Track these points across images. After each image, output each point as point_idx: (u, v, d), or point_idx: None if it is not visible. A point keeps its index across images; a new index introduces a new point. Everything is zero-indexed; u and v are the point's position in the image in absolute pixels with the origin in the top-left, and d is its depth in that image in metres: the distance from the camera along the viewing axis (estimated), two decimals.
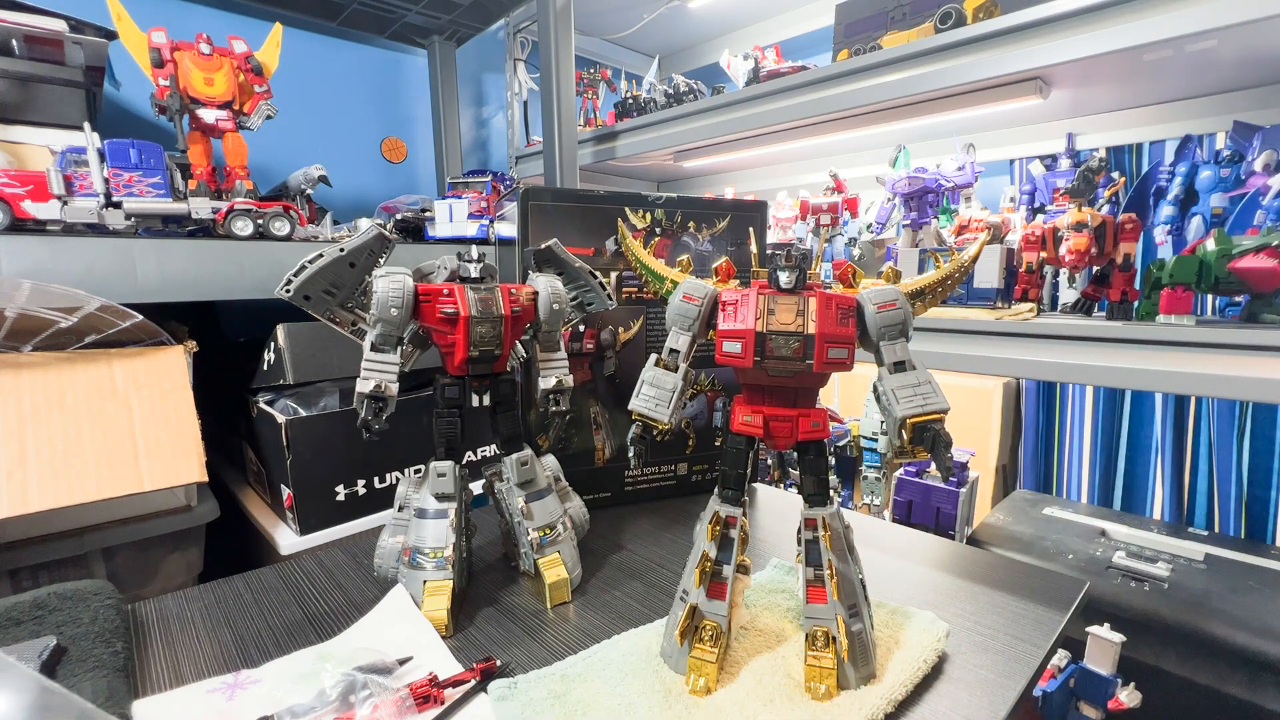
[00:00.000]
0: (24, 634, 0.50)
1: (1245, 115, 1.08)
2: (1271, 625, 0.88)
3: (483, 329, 0.57)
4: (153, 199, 0.87)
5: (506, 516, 0.65)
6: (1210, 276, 0.86)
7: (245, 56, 0.96)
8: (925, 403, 0.45)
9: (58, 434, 0.70)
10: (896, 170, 1.24)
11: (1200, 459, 1.28)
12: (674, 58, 2.19)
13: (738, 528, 0.50)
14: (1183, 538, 1.12)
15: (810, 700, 0.46)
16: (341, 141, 1.66)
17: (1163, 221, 1.10)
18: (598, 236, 0.79)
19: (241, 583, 0.64)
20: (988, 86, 1.06)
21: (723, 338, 0.48)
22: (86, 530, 0.73)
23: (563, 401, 0.65)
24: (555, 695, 0.46)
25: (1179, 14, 0.80)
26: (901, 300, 0.49)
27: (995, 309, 1.10)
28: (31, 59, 0.93)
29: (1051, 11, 0.91)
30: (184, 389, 0.79)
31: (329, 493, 0.88)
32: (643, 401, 0.49)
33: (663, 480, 0.86)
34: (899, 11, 1.16)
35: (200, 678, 0.49)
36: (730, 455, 0.51)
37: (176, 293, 0.85)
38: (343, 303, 0.57)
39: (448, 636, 0.54)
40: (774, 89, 1.29)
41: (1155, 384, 0.87)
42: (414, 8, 1.50)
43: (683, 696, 0.46)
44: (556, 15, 1.41)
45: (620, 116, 1.72)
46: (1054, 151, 1.29)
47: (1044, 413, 1.49)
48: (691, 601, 0.49)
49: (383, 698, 0.43)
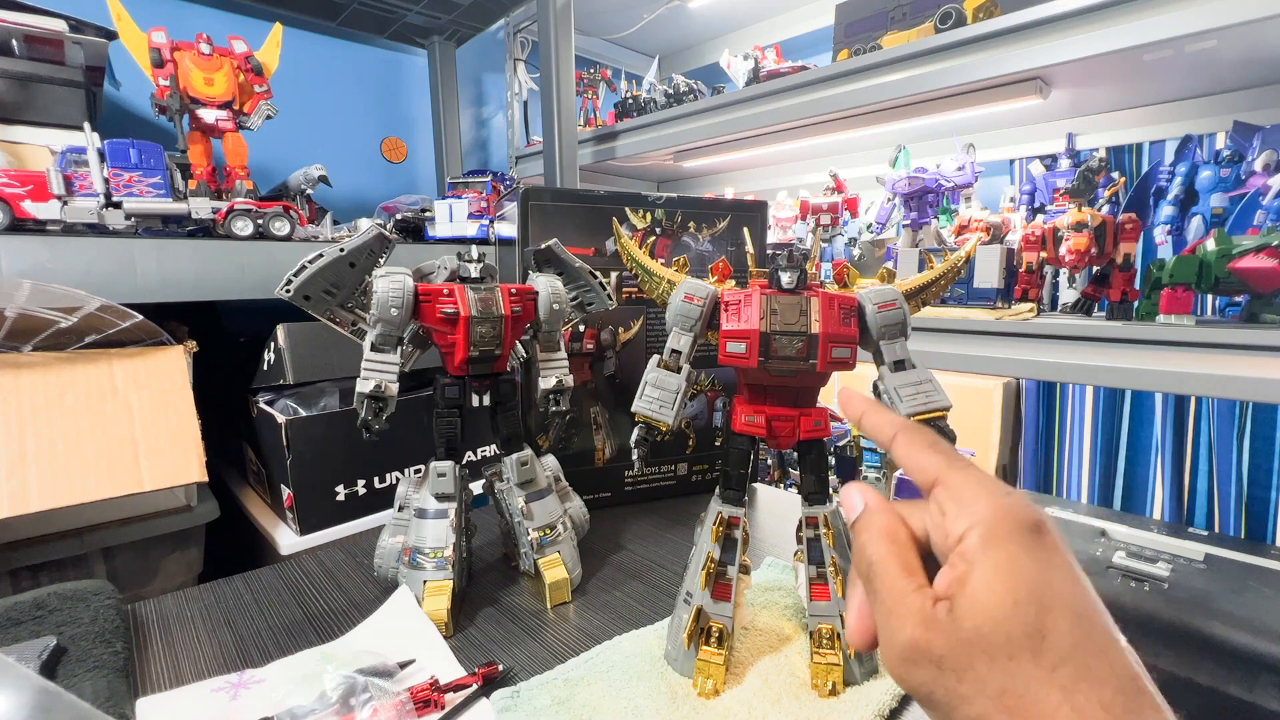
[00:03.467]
0: (24, 634, 0.50)
1: (1245, 115, 1.08)
2: (1271, 625, 0.88)
3: (483, 329, 0.57)
4: (153, 199, 0.87)
5: (506, 516, 0.65)
6: (1210, 276, 0.86)
7: (245, 56, 0.95)
8: (927, 401, 0.45)
9: (58, 434, 0.70)
10: (896, 170, 1.24)
11: (1200, 459, 1.28)
12: (674, 58, 2.19)
13: (740, 528, 0.50)
14: (1183, 538, 1.12)
15: (817, 698, 0.46)
16: (341, 141, 1.66)
17: (1163, 221, 1.10)
18: (598, 236, 0.79)
19: (241, 583, 0.64)
20: (988, 86, 1.06)
21: (726, 338, 0.48)
22: (86, 530, 0.73)
23: (563, 401, 0.65)
24: (559, 701, 0.46)
25: (1179, 14, 0.81)
26: (900, 300, 0.49)
27: (995, 309, 1.10)
28: (31, 59, 0.93)
29: (1051, 11, 0.91)
30: (184, 389, 0.79)
31: (329, 493, 0.88)
32: (647, 403, 0.49)
33: (663, 480, 0.86)
34: (899, 11, 1.17)
35: (200, 678, 0.49)
36: (732, 456, 0.51)
37: (176, 293, 0.85)
38: (343, 303, 0.56)
39: (448, 637, 0.54)
40: (774, 89, 1.29)
41: (1155, 384, 0.87)
42: (414, 8, 1.50)
43: (689, 698, 0.46)
44: (556, 15, 1.40)
45: (620, 116, 1.72)
46: (1054, 151, 1.29)
47: (1044, 413, 1.49)
48: (697, 604, 0.49)
49: (382, 701, 0.43)
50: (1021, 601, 0.22)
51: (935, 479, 0.26)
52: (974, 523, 0.24)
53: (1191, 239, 1.04)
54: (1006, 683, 0.21)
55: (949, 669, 0.22)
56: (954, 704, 0.22)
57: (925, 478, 0.27)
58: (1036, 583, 0.22)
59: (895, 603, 0.25)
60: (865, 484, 0.30)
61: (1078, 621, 0.21)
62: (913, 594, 0.24)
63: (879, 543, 0.27)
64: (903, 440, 0.29)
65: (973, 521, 0.24)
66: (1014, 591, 0.22)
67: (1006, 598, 0.22)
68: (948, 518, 0.25)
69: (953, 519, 0.25)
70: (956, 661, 0.22)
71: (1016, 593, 0.22)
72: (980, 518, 0.24)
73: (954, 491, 0.25)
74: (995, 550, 0.23)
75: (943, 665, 0.23)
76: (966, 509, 0.24)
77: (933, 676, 0.23)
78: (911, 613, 0.24)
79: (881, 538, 0.27)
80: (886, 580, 0.25)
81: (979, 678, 0.22)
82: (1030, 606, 0.22)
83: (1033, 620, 0.21)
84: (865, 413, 0.32)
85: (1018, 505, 0.24)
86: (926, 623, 0.23)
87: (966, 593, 0.23)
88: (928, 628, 0.23)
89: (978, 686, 0.22)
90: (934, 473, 0.27)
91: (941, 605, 0.23)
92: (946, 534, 0.25)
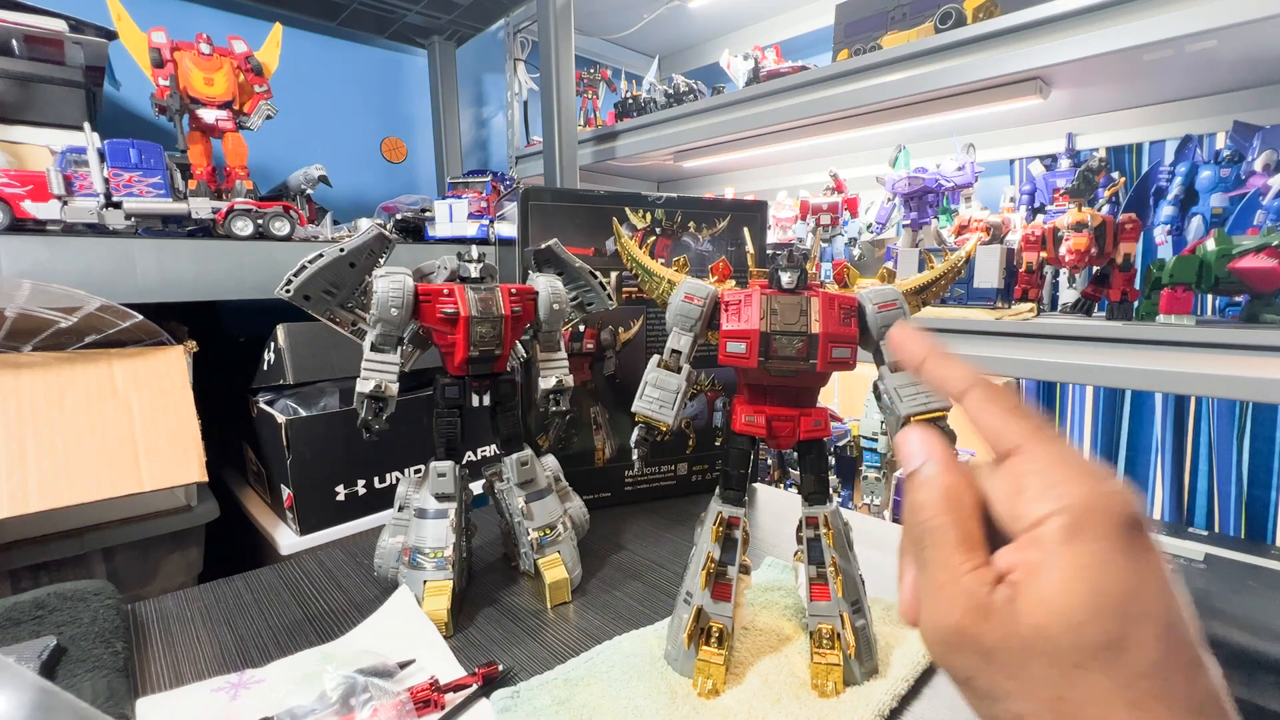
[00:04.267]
0: (24, 634, 0.50)
1: (1245, 115, 1.08)
2: (1271, 625, 0.88)
3: (483, 329, 0.57)
4: (153, 199, 0.87)
5: (506, 516, 0.65)
6: (1210, 276, 0.86)
7: (245, 56, 0.95)
8: (928, 400, 0.45)
9: (58, 434, 0.70)
10: (896, 170, 1.24)
11: (1200, 459, 1.28)
12: (674, 58, 2.19)
13: (740, 528, 0.50)
14: (1183, 538, 1.12)
15: (817, 698, 0.46)
16: (341, 141, 1.66)
17: (1163, 221, 1.10)
18: (598, 236, 0.79)
19: (241, 583, 0.64)
20: (988, 86, 1.06)
21: (726, 338, 0.48)
22: (86, 530, 0.73)
23: (563, 401, 0.65)
24: (559, 701, 0.46)
25: (1179, 14, 0.81)
26: (900, 300, 0.49)
27: (995, 309, 1.10)
28: (31, 59, 0.93)
29: (1051, 11, 0.91)
30: (184, 389, 0.79)
31: (329, 493, 0.88)
32: (647, 403, 0.49)
33: (663, 480, 0.86)
34: (899, 11, 1.17)
35: (200, 678, 0.49)
36: (733, 456, 0.51)
37: (176, 293, 0.85)
38: (343, 303, 0.56)
39: (448, 637, 0.54)
40: (774, 89, 1.29)
41: (1155, 384, 0.87)
42: (414, 8, 1.50)
43: (689, 698, 0.46)
44: (556, 15, 1.40)
45: (620, 116, 1.72)
46: (1054, 151, 1.29)
47: (1044, 413, 1.49)
48: (697, 604, 0.48)
49: (382, 701, 0.43)
50: (1105, 610, 0.19)
51: (1016, 447, 0.23)
52: (1061, 508, 0.21)
53: (1191, 239, 1.04)
54: (1066, 690, 0.19)
55: (998, 664, 0.21)
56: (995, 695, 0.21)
57: (1004, 444, 0.24)
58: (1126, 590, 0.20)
59: (946, 580, 0.22)
60: (930, 429, 0.26)
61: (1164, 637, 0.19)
62: (968, 574, 0.22)
63: (938, 506, 0.24)
64: (979, 397, 0.25)
65: (1060, 506, 0.21)
66: (1098, 597, 0.19)
67: (1087, 602, 0.19)
68: (1026, 495, 0.22)
69: (1034, 498, 0.22)
70: (1009, 658, 0.20)
71: (1100, 598, 0.19)
72: (1069, 503, 0.21)
73: (1040, 466, 0.22)
74: (1082, 545, 0.20)
75: (991, 659, 0.21)
76: (1054, 490, 0.21)
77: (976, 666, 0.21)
78: (963, 595, 0.21)
79: (942, 501, 0.24)
80: (942, 552, 0.23)
81: (1032, 678, 0.20)
82: (1113, 617, 0.19)
83: (1115, 631, 0.19)
84: (927, 359, 0.27)
85: (1116, 495, 0.21)
86: (980, 610, 0.21)
87: (1038, 587, 0.20)
88: (981, 616, 0.21)
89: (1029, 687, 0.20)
90: (1015, 439, 0.23)
91: (1001, 591, 0.21)
92: (1018, 512, 0.22)
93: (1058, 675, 0.19)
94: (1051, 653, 0.20)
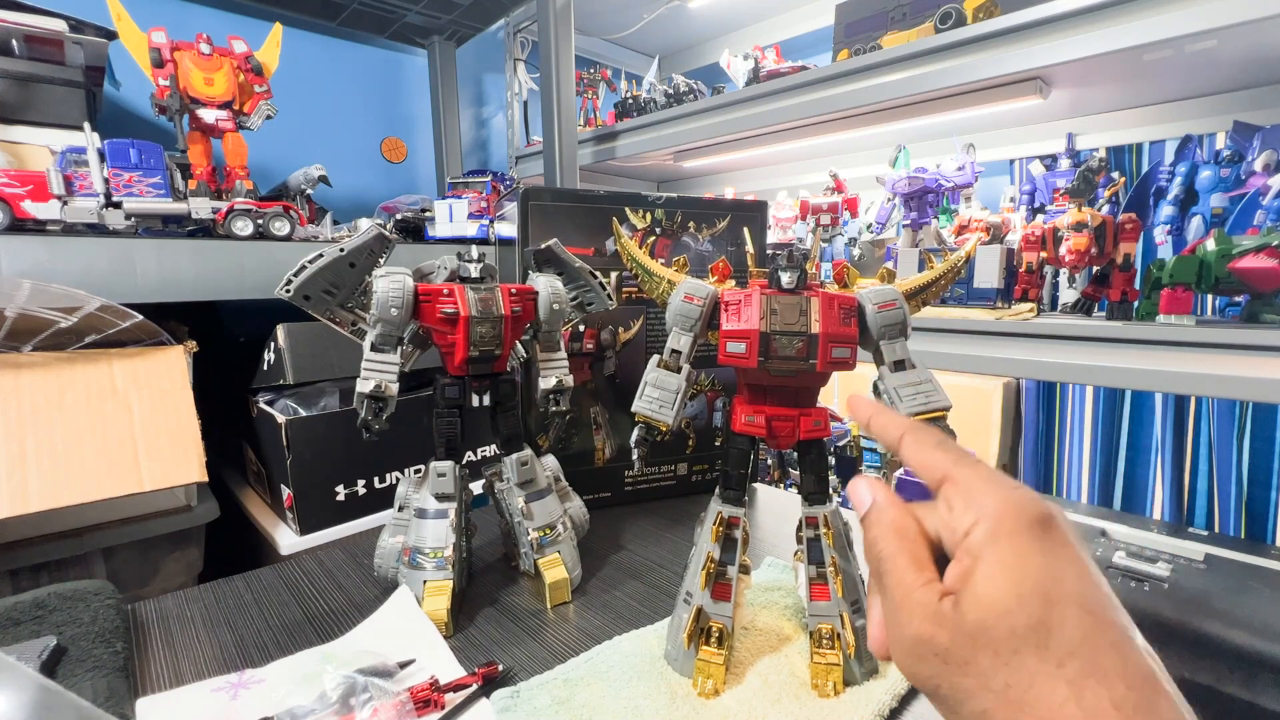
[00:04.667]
0: (24, 634, 0.50)
1: (1245, 115, 1.08)
2: (1271, 625, 0.88)
3: (483, 329, 0.57)
4: (153, 199, 0.87)
5: (506, 516, 0.65)
6: (1210, 276, 0.86)
7: (245, 56, 0.95)
8: (928, 400, 0.45)
9: (58, 434, 0.70)
10: (896, 170, 1.24)
11: (1200, 459, 1.28)
12: (674, 58, 2.19)
13: (740, 528, 0.50)
14: (1183, 538, 1.12)
15: (817, 698, 0.46)
16: (341, 141, 1.66)
17: (1163, 221, 1.10)
18: (598, 236, 0.79)
19: (241, 583, 0.64)
20: (988, 86, 1.06)
21: (726, 338, 0.48)
22: (86, 530, 0.73)
23: (563, 401, 0.65)
24: (559, 701, 0.46)
25: (1179, 14, 0.81)
26: (900, 300, 0.49)
27: (995, 309, 1.10)
28: (31, 59, 0.93)
29: (1051, 11, 0.91)
30: (184, 389, 0.79)
31: (329, 493, 0.88)
32: (646, 403, 0.49)
33: (663, 480, 0.86)
34: (899, 11, 1.17)
35: (200, 678, 0.49)
36: (733, 456, 0.51)
37: (176, 293, 0.85)
38: (343, 303, 0.57)
39: (448, 637, 0.54)
40: (774, 89, 1.29)
41: (1155, 384, 0.87)
42: (414, 8, 1.50)
43: (689, 698, 0.46)
44: (556, 15, 1.41)
45: (620, 116, 1.72)
46: (1054, 151, 1.29)
47: (1044, 413, 1.49)
48: (697, 604, 0.49)
49: (382, 701, 0.43)
50: (1025, 595, 0.22)
51: (943, 476, 0.26)
52: (980, 517, 0.24)
53: (1191, 239, 1.04)
54: (1010, 677, 0.21)
55: (954, 663, 0.22)
56: (959, 698, 0.22)
57: (934, 476, 0.27)
58: (1042, 576, 0.22)
59: (903, 597, 0.25)
60: (873, 477, 0.30)
61: (1085, 616, 0.21)
62: (920, 588, 0.24)
63: (888, 537, 0.27)
64: (910, 440, 0.29)
65: (979, 516, 0.24)
66: (1018, 585, 0.22)
67: (1010, 591, 0.22)
68: (955, 513, 0.25)
69: (959, 514, 0.25)
70: (960, 655, 0.22)
71: (1020, 586, 0.22)
72: (986, 512, 0.24)
73: (961, 487, 0.25)
74: (1000, 544, 0.23)
75: (948, 659, 0.23)
76: (973, 504, 0.24)
77: (938, 670, 0.23)
78: (918, 607, 0.24)
79: (890, 532, 0.27)
80: (895, 575, 0.25)
81: (982, 672, 0.22)
82: (1035, 600, 0.21)
83: (1037, 614, 0.21)
84: (873, 416, 0.32)
85: (1025, 499, 0.24)
86: (932, 617, 0.23)
87: (971, 587, 0.23)
88: (935, 622, 0.23)
89: (981, 680, 0.22)
90: (942, 470, 0.26)
91: (948, 600, 0.23)
92: (953, 527, 0.25)
93: (1002, 664, 0.21)
94: (992, 643, 0.22)
